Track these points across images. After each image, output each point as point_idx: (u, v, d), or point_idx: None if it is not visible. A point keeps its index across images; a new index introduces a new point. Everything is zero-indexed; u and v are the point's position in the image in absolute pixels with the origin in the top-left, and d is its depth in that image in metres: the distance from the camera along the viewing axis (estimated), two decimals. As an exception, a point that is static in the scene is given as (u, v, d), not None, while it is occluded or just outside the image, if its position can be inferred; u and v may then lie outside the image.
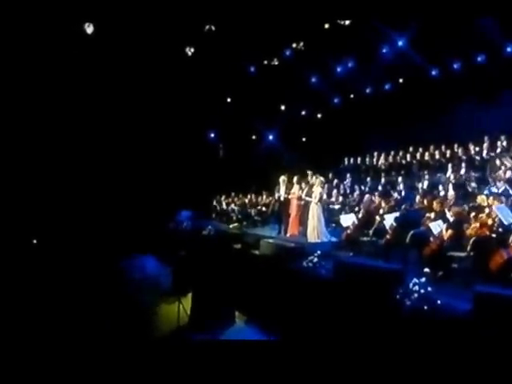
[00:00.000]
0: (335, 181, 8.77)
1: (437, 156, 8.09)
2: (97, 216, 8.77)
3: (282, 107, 11.35)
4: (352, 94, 10.30)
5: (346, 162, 9.96)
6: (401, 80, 9.23)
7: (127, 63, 8.64)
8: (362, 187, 8.05)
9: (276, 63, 9.52)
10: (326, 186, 8.18)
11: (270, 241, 6.42)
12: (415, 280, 3.80)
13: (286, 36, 8.21)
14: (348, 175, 8.83)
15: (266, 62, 9.74)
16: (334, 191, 7.94)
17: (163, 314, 5.83)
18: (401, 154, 8.83)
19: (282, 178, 7.41)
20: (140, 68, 8.76)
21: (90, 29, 7.62)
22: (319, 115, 11.27)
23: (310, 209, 6.26)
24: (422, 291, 3.68)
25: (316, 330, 4.67)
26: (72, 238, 7.84)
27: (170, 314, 5.74)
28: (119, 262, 7.05)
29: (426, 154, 8.24)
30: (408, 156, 8.53)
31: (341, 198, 7.43)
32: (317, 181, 6.46)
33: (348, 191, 8.03)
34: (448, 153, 7.95)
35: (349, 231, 5.59)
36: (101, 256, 7.03)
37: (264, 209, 8.61)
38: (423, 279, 3.78)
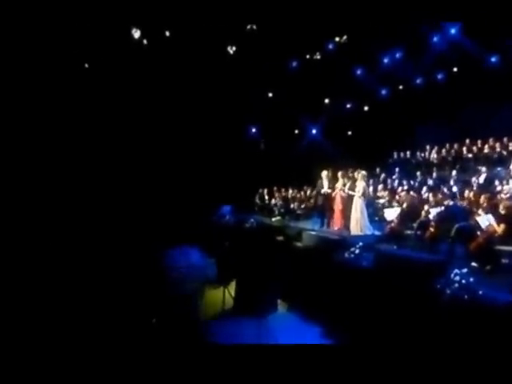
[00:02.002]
0: (382, 175, 8.92)
1: (497, 149, 7.87)
2: (145, 209, 9.90)
3: (326, 101, 11.61)
4: (401, 85, 10.26)
5: (395, 156, 9.98)
6: (455, 69, 9.03)
7: (171, 62, 9.58)
8: (411, 182, 8.13)
9: (318, 57, 9.85)
10: (372, 180, 8.41)
11: (313, 233, 6.90)
12: (457, 271, 4.04)
13: (327, 30, 8.52)
14: (397, 170, 8.92)
15: (308, 56, 10.10)
16: (380, 186, 8.14)
17: (209, 299, 6.60)
18: (456, 147, 8.69)
19: (325, 173, 7.76)
20: (183, 66, 9.65)
21: (137, 33, 8.69)
22: (366, 108, 11.34)
23: (354, 202, 6.59)
24: (464, 281, 3.92)
25: (356, 318, 5.06)
26: (123, 229, 8.93)
27: (215, 299, 6.50)
28: (165, 251, 8.01)
29: (486, 146, 8.04)
30: (464, 149, 8.39)
31: (386, 193, 7.64)
32: (360, 175, 6.76)
33: (396, 186, 8.18)
34: (511, 145, 7.71)
35: (393, 225, 5.85)
36: (147, 246, 8.01)
37: (306, 203, 9.05)
38: (465, 270, 4.01)
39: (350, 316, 5.15)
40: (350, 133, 11.58)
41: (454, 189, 6.74)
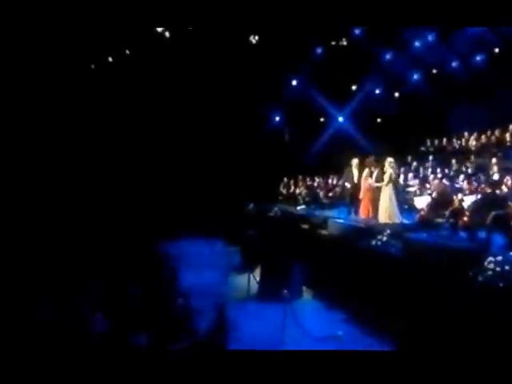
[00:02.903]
0: (414, 163, 8.71)
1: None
2: (171, 198, 10.26)
3: (354, 87, 11.39)
4: (434, 69, 9.88)
5: (429, 144, 9.67)
6: (496, 50, 8.58)
7: (195, 49, 9.75)
8: (446, 170, 7.90)
9: (345, 43, 9.66)
10: (403, 168, 8.26)
11: (339, 221, 6.93)
12: (491, 258, 3.98)
13: (353, 15, 8.30)
14: (430, 158, 8.66)
15: (334, 42, 9.93)
16: (411, 174, 7.98)
17: (234, 285, 6.85)
18: (497, 133, 8.31)
19: (354, 161, 7.72)
20: (206, 53, 9.79)
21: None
22: (396, 94, 11.04)
23: (382, 190, 6.53)
24: (498, 269, 3.86)
25: (382, 305, 5.10)
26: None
27: (240, 285, 6.74)
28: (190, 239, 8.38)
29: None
30: (508, 135, 8.00)
31: (417, 181, 7.49)
32: (387, 162, 6.69)
33: (428, 174, 7.97)
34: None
35: (423, 213, 5.77)
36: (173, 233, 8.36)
37: (333, 192, 9.04)
38: (500, 257, 3.93)
39: (376, 303, 5.19)
40: (379, 120, 11.33)
41: (496, 176, 6.49)
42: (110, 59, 10.30)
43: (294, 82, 11.24)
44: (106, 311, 4.39)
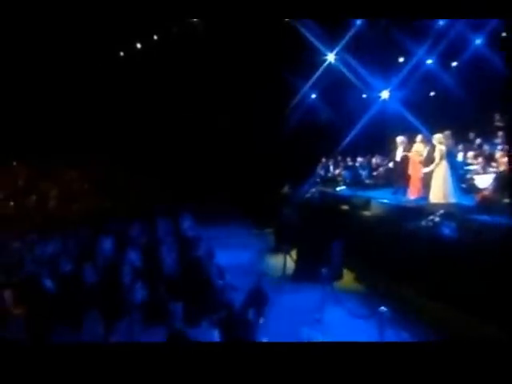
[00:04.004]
0: (477, 140, 8.03)
1: None
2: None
3: (401, 59, 10.66)
4: (502, 32, 8.89)
5: (497, 118, 8.79)
6: None
7: (227, 32, 9.65)
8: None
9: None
10: (462, 145, 7.68)
11: (384, 201, 6.63)
12: None
13: None
14: (500, 134, 7.90)
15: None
16: (471, 152, 7.37)
17: (270, 265, 6.87)
18: None
19: (401, 139, 7.33)
20: (235, 33, 9.65)
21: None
22: (454, 64, 10.16)
23: (435, 168, 6.13)
24: None
25: (432, 291, 4.82)
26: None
27: (276, 265, 6.75)
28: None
29: None
30: None
31: (480, 159, 6.90)
32: (439, 138, 6.24)
33: (495, 152, 7.29)
34: None
35: (486, 192, 5.32)
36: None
37: (377, 172, 8.67)
38: None
39: (424, 288, 4.92)
40: (432, 94, 10.54)
41: None
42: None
43: (332, 57, 10.72)
44: (144, 280, 4.57)
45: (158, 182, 10.81)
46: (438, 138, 6.22)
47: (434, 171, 6.12)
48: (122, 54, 11.35)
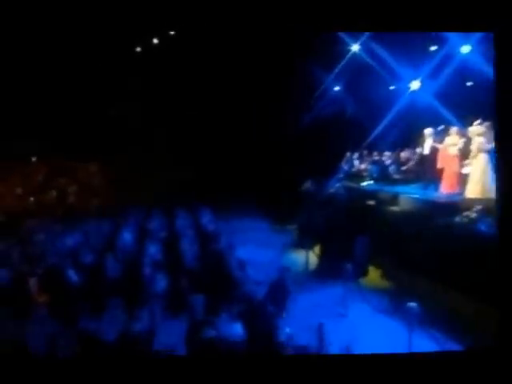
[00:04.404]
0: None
1: None
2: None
3: (433, 48, 10.35)
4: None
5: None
6: None
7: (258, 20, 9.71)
8: None
9: None
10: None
11: (413, 196, 6.50)
12: None
13: None
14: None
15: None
16: None
17: (292, 261, 6.90)
18: None
19: (428, 130, 7.16)
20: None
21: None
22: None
23: (473, 161, 5.94)
24: None
25: (466, 293, 4.69)
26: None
27: (298, 261, 6.77)
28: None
29: None
30: None
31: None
32: (472, 132, 6.05)
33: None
34: None
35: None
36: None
37: (406, 166, 8.50)
38: None
39: (456, 289, 4.80)
40: (469, 84, 10.17)
41: None
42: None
43: (356, 47, 10.52)
44: (165, 272, 4.72)
45: (177, 177, 11.04)
46: (475, 130, 6.03)
47: (472, 165, 5.94)
48: (139, 49, 11.64)
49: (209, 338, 3.63)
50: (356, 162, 10.31)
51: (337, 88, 11.42)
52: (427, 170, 7.07)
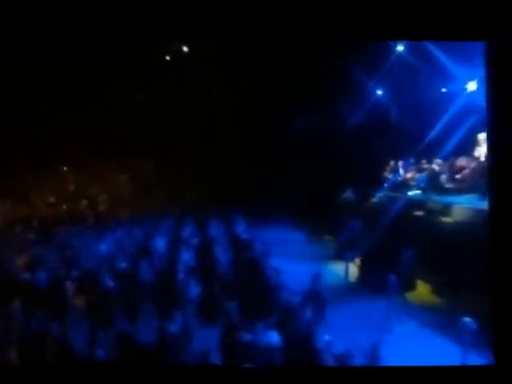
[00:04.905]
0: None
1: None
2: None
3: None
4: None
5: None
6: None
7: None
8: None
9: None
10: None
11: (469, 206, 6.40)
12: None
13: None
14: None
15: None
16: None
17: (330, 274, 6.98)
18: None
19: (483, 135, 7.08)
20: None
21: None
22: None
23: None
24: None
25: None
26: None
27: (337, 274, 6.85)
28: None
29: None
30: None
31: None
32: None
33: None
34: None
35: None
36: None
37: (460, 174, 8.35)
38: None
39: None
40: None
41: None
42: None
43: (400, 47, 10.45)
44: (199, 278, 5.02)
45: (211, 184, 11.51)
46: None
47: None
48: (168, 58, 12.42)
49: (244, 345, 3.85)
50: (401, 171, 10.21)
51: (380, 92, 11.42)
52: (484, 179, 6.92)
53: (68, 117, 12.50)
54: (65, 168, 14.61)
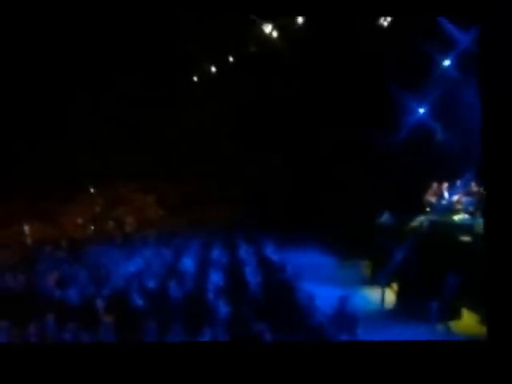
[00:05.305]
0: None
1: None
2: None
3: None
4: None
5: None
6: None
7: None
8: None
9: None
10: None
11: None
12: None
13: None
14: None
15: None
16: None
17: (364, 298, 7.02)
18: None
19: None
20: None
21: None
22: None
23: None
24: None
25: None
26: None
27: (371, 299, 6.86)
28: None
29: None
30: None
31: None
32: None
33: None
34: None
35: None
36: None
37: None
38: None
39: None
40: None
41: None
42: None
43: (447, 62, 10.51)
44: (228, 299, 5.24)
45: (238, 206, 11.82)
46: None
47: None
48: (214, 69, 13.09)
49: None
50: (446, 194, 10.12)
51: (422, 110, 11.44)
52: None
53: (95, 139, 13.42)
54: (92, 190, 15.56)
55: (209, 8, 4.60)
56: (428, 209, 10.07)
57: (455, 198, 9.79)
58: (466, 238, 7.26)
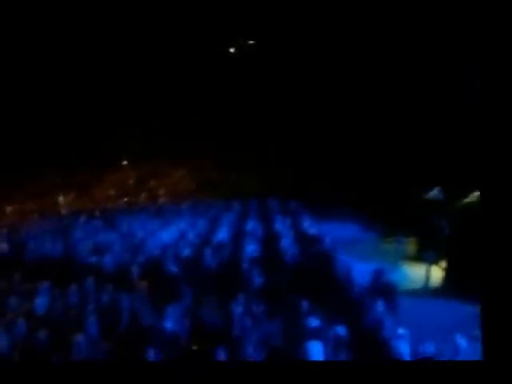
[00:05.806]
0: None
1: None
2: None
3: None
4: None
5: None
6: None
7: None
8: None
9: None
10: None
11: None
12: None
13: None
14: None
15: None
16: None
17: (407, 275, 7.13)
18: None
19: None
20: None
21: None
22: None
23: None
24: None
25: None
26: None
27: (416, 277, 6.95)
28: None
29: None
30: None
31: None
32: None
33: None
34: None
35: None
36: None
37: None
38: None
39: None
40: None
41: None
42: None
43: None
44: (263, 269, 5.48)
45: (277, 179, 12.05)
46: None
47: None
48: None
49: (310, 333, 4.24)
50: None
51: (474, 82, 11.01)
52: None
53: (130, 113, 14.01)
54: (125, 162, 16.33)
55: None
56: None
57: None
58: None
